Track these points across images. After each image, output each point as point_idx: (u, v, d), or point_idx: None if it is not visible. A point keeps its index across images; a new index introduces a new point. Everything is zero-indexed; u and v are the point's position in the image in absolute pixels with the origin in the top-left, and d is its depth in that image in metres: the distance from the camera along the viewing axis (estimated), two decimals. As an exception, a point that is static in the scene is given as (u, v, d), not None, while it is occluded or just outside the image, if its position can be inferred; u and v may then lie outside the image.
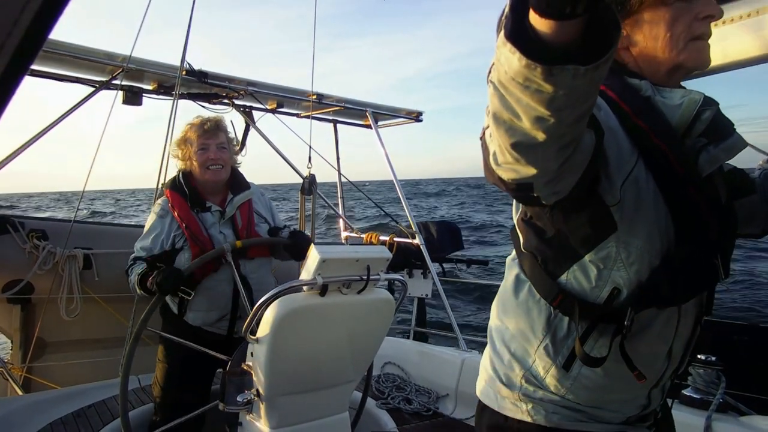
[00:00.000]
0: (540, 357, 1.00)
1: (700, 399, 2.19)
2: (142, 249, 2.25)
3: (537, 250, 1.01)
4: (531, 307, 1.02)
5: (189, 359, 2.26)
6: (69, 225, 3.48)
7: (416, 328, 4.45)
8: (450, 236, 4.89)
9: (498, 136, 0.73)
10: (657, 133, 0.89)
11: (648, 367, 0.98)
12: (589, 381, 0.97)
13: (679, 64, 0.94)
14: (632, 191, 0.88)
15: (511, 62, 0.60)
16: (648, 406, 1.05)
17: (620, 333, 0.92)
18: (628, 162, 0.88)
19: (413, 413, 2.96)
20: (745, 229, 1.15)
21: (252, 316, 1.65)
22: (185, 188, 2.31)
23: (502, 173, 0.79)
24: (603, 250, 0.91)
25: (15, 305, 3.62)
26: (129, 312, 2.83)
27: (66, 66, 3.22)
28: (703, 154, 0.92)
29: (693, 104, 0.89)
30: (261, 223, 2.43)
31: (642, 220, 0.88)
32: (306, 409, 1.84)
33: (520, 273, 1.06)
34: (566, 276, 0.96)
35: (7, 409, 2.57)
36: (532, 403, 1.01)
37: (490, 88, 0.69)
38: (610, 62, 0.61)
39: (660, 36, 0.93)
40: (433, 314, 6.53)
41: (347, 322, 1.78)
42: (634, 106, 0.91)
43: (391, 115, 4.67)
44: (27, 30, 0.31)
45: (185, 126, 2.39)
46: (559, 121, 0.65)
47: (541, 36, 0.57)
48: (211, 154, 2.29)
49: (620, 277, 0.91)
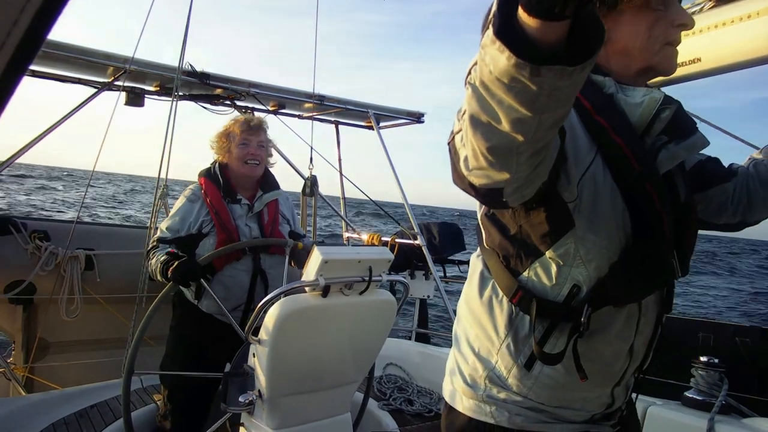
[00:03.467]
0: (502, 357, 1.00)
1: (702, 401, 2.18)
2: (168, 230, 2.30)
3: (499, 247, 1.00)
4: (494, 306, 1.01)
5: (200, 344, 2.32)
6: (71, 226, 3.49)
7: (418, 329, 4.45)
8: (452, 237, 4.89)
9: (474, 140, 0.71)
10: (616, 129, 0.90)
11: (608, 366, 0.99)
12: (551, 380, 0.97)
13: (652, 65, 0.96)
14: (589, 187, 0.88)
15: (497, 61, 0.60)
16: (612, 405, 1.05)
17: (577, 331, 0.92)
18: (585, 158, 0.89)
19: (415, 414, 2.96)
20: (719, 219, 1.16)
21: (254, 317, 1.65)
22: (220, 178, 2.40)
23: (474, 179, 0.78)
24: (561, 247, 0.91)
25: (17, 306, 3.63)
26: (131, 313, 2.84)
27: (69, 67, 3.23)
28: (663, 151, 0.93)
29: (653, 103, 0.90)
30: (284, 224, 2.53)
31: (599, 216, 0.89)
32: (308, 410, 1.84)
33: (484, 270, 1.06)
34: (527, 273, 0.96)
35: (10, 409, 2.57)
36: (495, 405, 1.01)
37: (469, 90, 0.68)
38: (593, 64, 0.61)
39: (639, 36, 0.94)
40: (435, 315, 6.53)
41: (349, 323, 1.78)
42: (595, 103, 0.92)
43: (393, 116, 4.67)
44: (27, 30, 0.31)
45: (230, 121, 2.50)
46: (538, 125, 0.65)
47: (529, 35, 0.57)
48: (252, 150, 2.40)
49: (579, 274, 0.92)
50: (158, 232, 2.34)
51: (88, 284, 3.62)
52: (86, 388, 2.92)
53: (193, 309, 2.34)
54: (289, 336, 1.66)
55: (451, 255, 4.96)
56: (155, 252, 2.24)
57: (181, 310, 2.41)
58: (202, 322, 2.32)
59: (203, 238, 2.30)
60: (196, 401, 2.33)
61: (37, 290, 3.54)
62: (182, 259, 2.10)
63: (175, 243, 2.27)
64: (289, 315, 1.62)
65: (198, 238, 2.30)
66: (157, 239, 2.30)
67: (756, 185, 1.14)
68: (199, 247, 2.30)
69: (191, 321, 2.35)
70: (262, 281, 2.34)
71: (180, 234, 2.29)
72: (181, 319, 2.42)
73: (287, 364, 1.71)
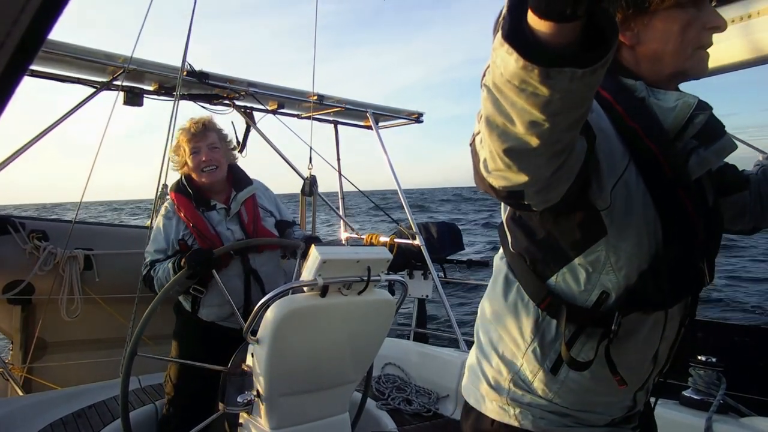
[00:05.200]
0: (528, 360, 0.99)
1: (700, 400, 2.19)
2: (156, 252, 2.27)
3: (526, 252, 0.99)
4: (520, 310, 1.00)
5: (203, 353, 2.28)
6: (70, 226, 3.48)
7: (416, 329, 4.44)
8: (450, 237, 4.89)
9: (490, 142, 0.70)
10: (649, 134, 0.88)
11: (634, 371, 0.98)
12: (576, 384, 0.97)
13: (684, 70, 0.94)
14: (622, 195, 0.86)
15: (507, 64, 0.59)
16: (633, 408, 1.05)
17: (607, 337, 0.91)
18: (619, 165, 0.87)
19: (413, 414, 2.95)
20: (735, 226, 1.16)
21: (253, 317, 1.65)
22: (189, 189, 2.35)
23: (493, 180, 0.77)
24: (592, 254, 0.90)
25: (15, 306, 3.62)
26: (129, 313, 2.83)
27: (67, 67, 3.22)
28: (693, 156, 0.91)
29: (687, 108, 0.89)
30: (267, 218, 2.47)
31: (631, 223, 0.87)
32: (306, 410, 1.84)
33: (508, 273, 1.05)
34: (555, 278, 0.95)
35: (8, 409, 2.57)
36: (519, 408, 1.01)
37: (484, 91, 0.67)
38: (607, 66, 0.60)
39: (671, 39, 0.91)
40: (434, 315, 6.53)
41: (347, 322, 1.78)
42: (628, 108, 0.90)
43: (392, 116, 4.68)
44: (27, 30, 0.31)
45: (177, 132, 2.42)
46: (553, 126, 0.64)
47: (539, 38, 0.56)
48: (203, 156, 2.31)
49: (609, 281, 0.91)
50: (147, 256, 2.30)
51: (86, 284, 3.61)
52: (84, 388, 2.92)
53: (193, 320, 2.32)
54: (287, 336, 1.66)
55: (450, 255, 4.95)
56: (156, 268, 2.21)
57: (182, 318, 2.38)
58: (203, 331, 2.30)
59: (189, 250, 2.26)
60: (197, 408, 2.28)
61: (36, 290, 3.53)
62: (195, 249, 2.08)
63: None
64: (287, 315, 1.62)
65: (186, 252, 2.25)
66: (149, 262, 2.26)
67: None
68: None
69: (193, 327, 2.33)
70: (255, 281, 2.32)
71: (168, 253, 2.26)
72: (183, 326, 2.39)
73: (286, 363, 1.71)
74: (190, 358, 2.30)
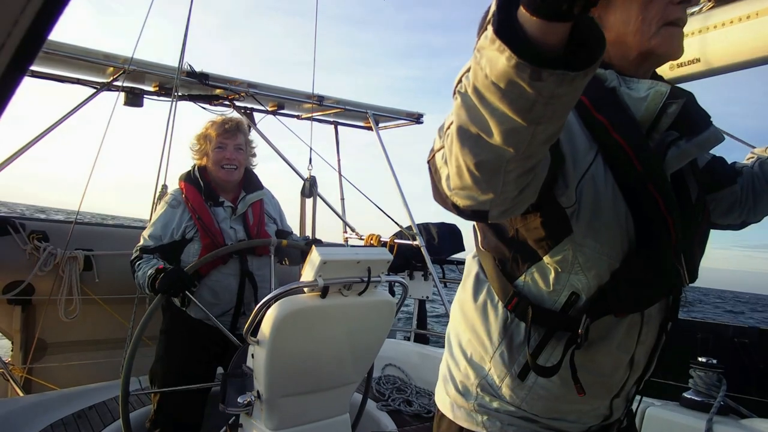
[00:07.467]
0: (495, 364, 0.95)
1: (700, 402, 2.18)
2: (150, 237, 2.25)
3: (495, 250, 0.95)
4: (489, 311, 0.96)
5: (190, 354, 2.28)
6: (70, 226, 3.48)
7: (417, 330, 4.45)
8: (451, 238, 4.89)
9: (461, 155, 0.66)
10: (617, 127, 0.83)
11: (608, 377, 0.94)
12: (545, 391, 0.92)
13: (650, 50, 0.87)
14: (589, 190, 0.82)
15: (495, 63, 0.55)
16: (610, 416, 1.01)
17: (575, 342, 0.87)
18: (584, 159, 0.82)
19: (413, 415, 2.95)
20: (724, 220, 1.12)
21: (253, 318, 1.65)
22: (200, 181, 2.35)
23: (457, 200, 0.73)
24: (559, 254, 0.85)
25: (15, 306, 3.62)
26: (129, 313, 2.83)
27: (67, 67, 3.23)
28: (672, 148, 0.86)
29: (659, 97, 0.83)
30: (270, 224, 2.49)
31: (600, 221, 0.82)
32: (306, 411, 1.83)
33: (480, 272, 1.01)
34: (524, 278, 0.91)
35: (8, 409, 2.56)
36: (487, 415, 0.96)
37: (458, 99, 0.64)
38: (595, 71, 0.57)
39: (632, 19, 0.86)
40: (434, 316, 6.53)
41: (348, 323, 1.78)
42: (595, 99, 0.85)
43: (392, 116, 4.67)
44: (27, 30, 0.31)
45: (207, 123, 2.44)
46: (532, 137, 0.61)
47: (530, 37, 0.53)
48: (228, 154, 2.34)
49: (578, 281, 0.86)
50: (140, 240, 2.28)
51: (86, 285, 3.61)
52: (84, 388, 2.92)
53: (181, 313, 2.30)
54: (287, 337, 1.66)
55: (450, 256, 4.96)
56: (140, 264, 2.18)
57: (170, 313, 2.35)
58: (191, 327, 2.28)
59: (187, 243, 2.26)
60: (186, 409, 2.28)
61: (36, 291, 3.53)
62: (167, 269, 2.05)
63: (158, 251, 2.22)
64: (287, 316, 1.62)
65: (182, 245, 2.26)
66: (139, 248, 2.24)
67: (763, 186, 1.08)
68: (184, 253, 2.25)
69: (181, 325, 2.30)
70: (250, 284, 2.31)
71: (162, 242, 2.24)
72: (170, 323, 2.36)
73: (286, 364, 1.71)
74: (177, 356, 2.29)
